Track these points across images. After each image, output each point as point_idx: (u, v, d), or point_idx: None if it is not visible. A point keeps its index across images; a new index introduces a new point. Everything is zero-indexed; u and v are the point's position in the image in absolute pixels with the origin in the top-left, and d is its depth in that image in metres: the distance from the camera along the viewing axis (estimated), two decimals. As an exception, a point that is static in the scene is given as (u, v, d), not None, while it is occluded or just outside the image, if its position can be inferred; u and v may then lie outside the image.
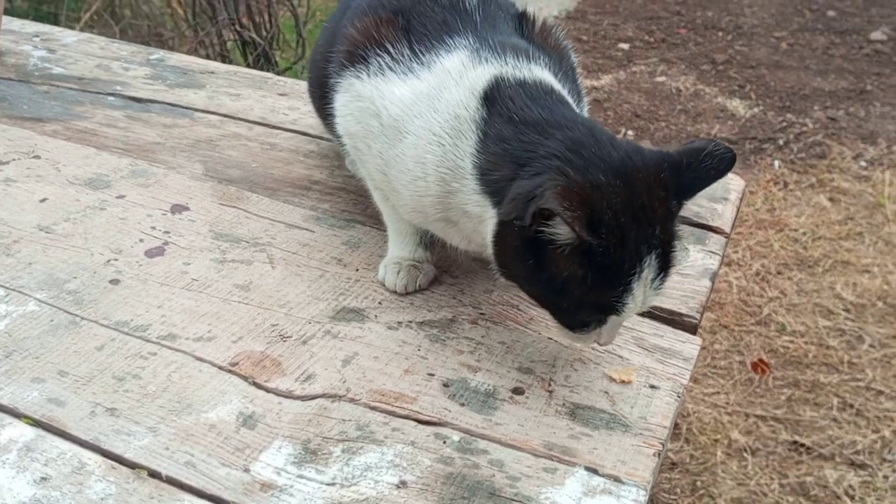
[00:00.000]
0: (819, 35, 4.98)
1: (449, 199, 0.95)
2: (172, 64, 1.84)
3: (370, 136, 1.01)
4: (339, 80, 1.05)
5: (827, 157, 3.72)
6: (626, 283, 0.83)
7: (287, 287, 1.09)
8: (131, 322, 1.01)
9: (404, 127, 0.96)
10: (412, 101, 0.95)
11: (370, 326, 1.02)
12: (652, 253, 0.83)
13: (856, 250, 3.11)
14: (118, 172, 1.35)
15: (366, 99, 1.00)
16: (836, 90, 4.33)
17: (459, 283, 1.11)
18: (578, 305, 0.85)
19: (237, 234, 1.20)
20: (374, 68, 1.00)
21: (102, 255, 1.14)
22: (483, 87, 0.92)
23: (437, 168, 0.93)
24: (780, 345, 2.65)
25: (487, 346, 0.99)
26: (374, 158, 1.02)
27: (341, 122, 1.08)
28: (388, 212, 1.11)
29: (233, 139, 1.50)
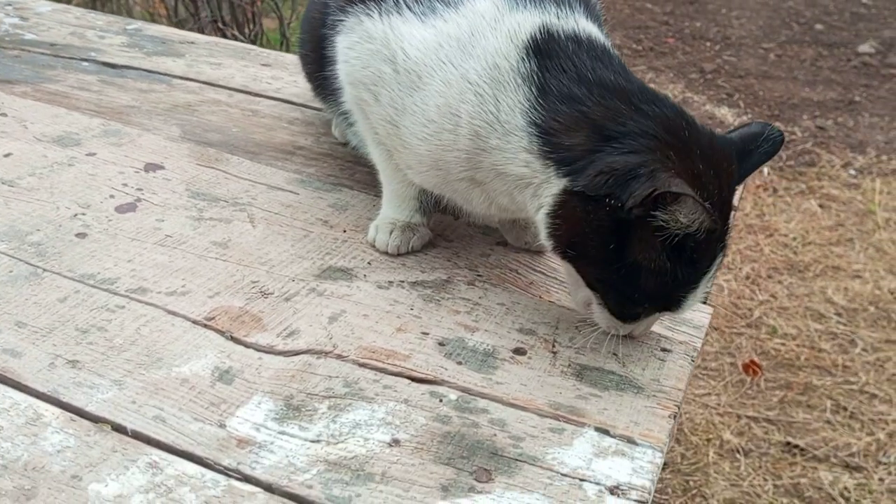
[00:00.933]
0: (807, 47, 4.99)
1: (481, 157, 0.85)
2: (151, 34, 1.76)
3: (380, 84, 0.89)
4: (343, 18, 0.93)
5: (816, 165, 3.70)
6: (700, 280, 0.79)
7: (269, 245, 1.01)
8: (98, 275, 0.93)
9: (427, 72, 0.85)
10: (437, 44, 0.85)
11: (359, 285, 0.94)
12: (723, 250, 0.79)
13: (846, 256, 3.07)
14: (89, 132, 1.27)
15: (377, 40, 0.89)
16: (824, 100, 4.32)
17: (454, 246, 1.04)
18: (648, 298, 0.79)
19: (215, 193, 1.12)
20: (388, 5, 0.89)
21: (69, 210, 1.05)
22: (526, 36, 0.83)
23: (471, 120, 0.83)
24: (772, 347, 2.59)
25: (485, 306, 0.92)
26: (382, 109, 0.91)
27: (344, 68, 0.95)
28: (389, 172, 1.01)
29: (212, 105, 1.42)
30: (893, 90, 4.43)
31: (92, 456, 0.69)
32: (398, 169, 0.99)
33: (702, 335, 0.92)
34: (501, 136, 0.82)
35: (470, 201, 0.93)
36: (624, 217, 0.74)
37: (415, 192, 1.01)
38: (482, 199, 0.91)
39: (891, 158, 3.72)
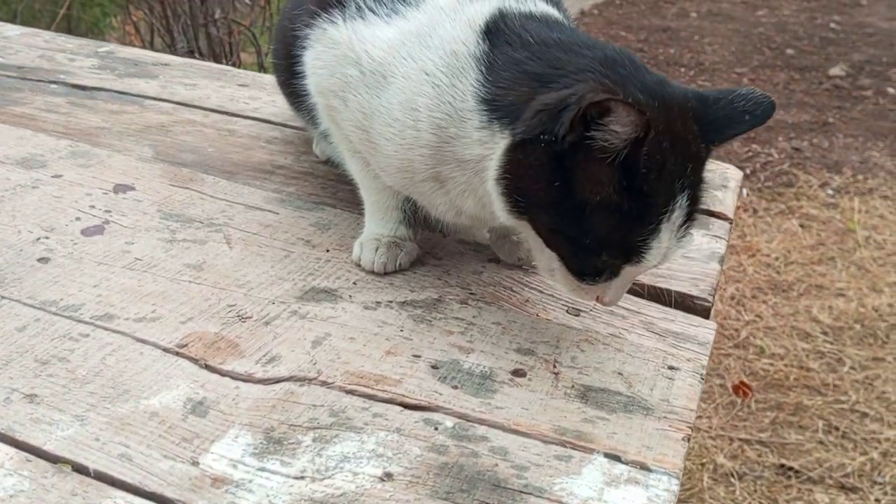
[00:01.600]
0: (779, 71, 5.04)
1: (443, 149, 0.82)
2: (123, 56, 1.70)
3: (348, 88, 0.88)
4: (309, 31, 0.92)
5: (794, 186, 3.70)
6: (657, 221, 0.72)
7: (246, 267, 0.95)
8: (60, 301, 0.86)
9: (390, 71, 0.84)
10: (399, 41, 0.84)
11: (344, 306, 0.88)
12: (685, 192, 0.73)
13: (829, 274, 3.05)
14: (56, 153, 1.20)
15: (342, 45, 0.88)
16: (798, 122, 4.35)
17: (444, 263, 0.98)
18: (601, 243, 0.73)
19: (189, 214, 1.06)
20: (351, 10, 0.88)
21: (31, 234, 0.98)
22: (484, 21, 0.82)
23: (430, 113, 0.81)
24: (760, 367, 2.55)
25: (480, 326, 0.86)
26: (352, 114, 0.89)
27: (313, 80, 0.94)
28: (368, 182, 0.98)
29: (187, 125, 1.36)
30: (865, 111, 4.47)
31: (49, 501, 0.62)
32: (377, 177, 0.95)
33: (707, 352, 0.87)
34: (458, 124, 0.81)
35: (437, 205, 0.90)
36: (561, 149, 0.71)
37: (397, 201, 0.97)
38: (446, 202, 0.88)
39: (867, 178, 3.73)
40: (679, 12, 6.21)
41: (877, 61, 5.08)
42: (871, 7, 6.34)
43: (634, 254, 0.74)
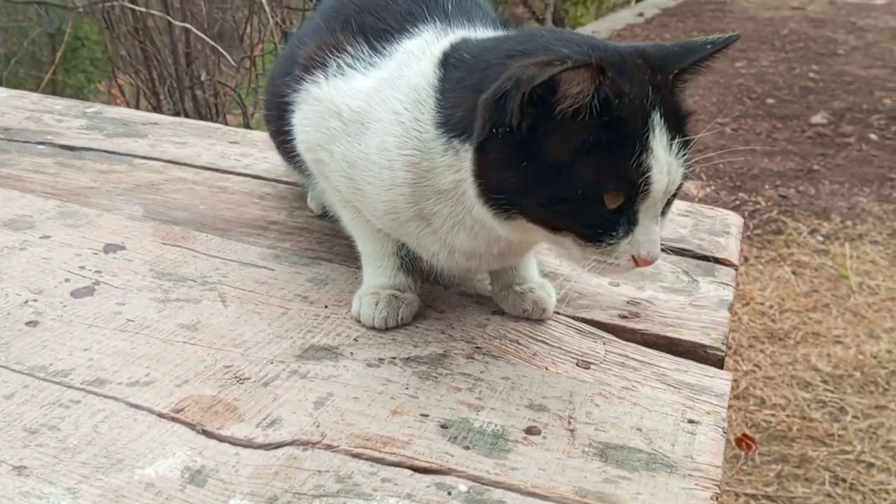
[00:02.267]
0: (762, 120, 5.11)
1: (421, 185, 0.83)
2: (111, 116, 1.69)
3: (332, 140, 0.90)
4: (296, 95, 0.95)
5: (784, 233, 3.71)
6: (643, 140, 0.72)
7: (243, 326, 0.91)
8: (50, 367, 0.82)
9: (367, 118, 0.86)
10: (374, 88, 0.86)
11: (346, 364, 0.85)
12: (657, 111, 0.73)
13: (825, 321, 3.04)
14: (44, 213, 1.17)
15: (325, 101, 0.90)
16: (784, 170, 4.39)
17: (447, 317, 0.95)
18: (597, 187, 0.72)
19: (182, 272, 1.03)
20: (332, 70, 0.91)
21: (19, 296, 0.95)
22: (441, 52, 0.84)
23: (400, 151, 0.82)
24: (762, 419, 2.51)
25: (489, 382, 0.83)
26: (337, 164, 0.90)
27: (300, 137, 0.96)
28: (363, 231, 0.97)
29: (178, 183, 1.34)
30: (850, 158, 4.52)
31: (38, 582, 0.57)
32: (369, 223, 0.95)
33: (725, 403, 0.84)
34: (427, 157, 0.81)
35: (428, 245, 0.89)
36: (521, 136, 0.72)
37: (392, 247, 0.96)
38: (436, 241, 0.87)
39: (856, 224, 3.75)
40: (660, 66, 6.31)
41: (857, 108, 5.16)
42: (848, 56, 6.48)
43: (637, 180, 0.72)
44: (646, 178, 0.72)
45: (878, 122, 4.93)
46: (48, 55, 8.42)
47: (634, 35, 7.35)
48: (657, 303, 1.01)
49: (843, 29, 7.52)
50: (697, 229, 1.24)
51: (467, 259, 0.89)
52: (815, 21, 7.87)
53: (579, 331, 0.94)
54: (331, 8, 1.04)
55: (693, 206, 1.34)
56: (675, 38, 7.78)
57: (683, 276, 1.09)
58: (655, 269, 1.11)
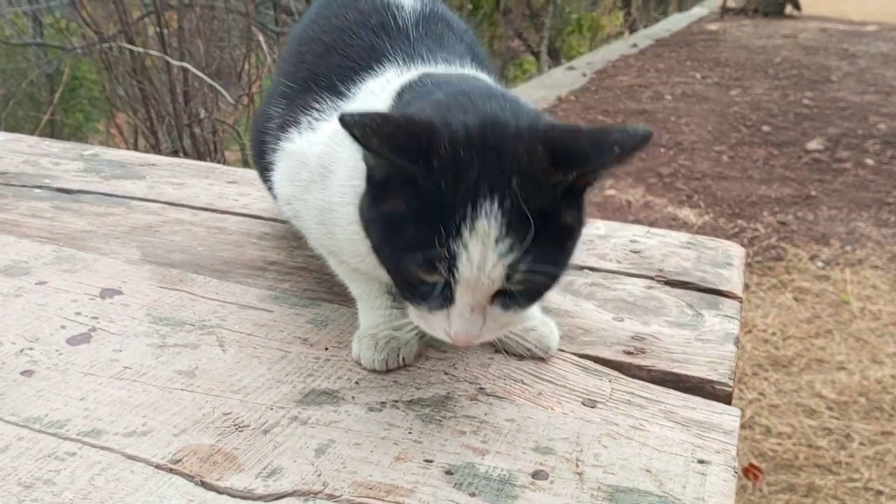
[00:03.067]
0: (758, 147, 5.13)
1: None
2: (109, 158, 1.69)
3: (305, 191, 0.91)
4: (274, 155, 0.97)
5: (784, 259, 3.70)
6: (455, 226, 0.67)
7: (242, 371, 0.90)
8: (45, 417, 0.80)
9: (330, 161, 0.86)
10: (335, 131, 0.85)
11: (347, 409, 0.83)
12: (495, 202, 0.67)
13: (828, 348, 3.02)
14: (40, 259, 1.16)
15: (296, 154, 0.92)
16: (781, 196, 4.39)
17: (449, 357, 0.94)
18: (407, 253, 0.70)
19: (179, 317, 1.01)
20: (303, 125, 0.92)
21: (14, 345, 0.93)
22: (401, 85, 0.84)
23: (353, 183, 0.82)
24: (768, 448, 2.48)
25: (493, 424, 0.81)
26: (311, 212, 0.91)
27: (279, 193, 0.97)
28: (349, 275, 0.98)
29: (175, 224, 1.33)
30: (847, 183, 4.53)
31: None
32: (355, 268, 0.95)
33: (735, 440, 0.82)
34: None
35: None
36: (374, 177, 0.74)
37: (382, 286, 0.96)
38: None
39: (855, 249, 3.74)
40: (654, 95, 6.36)
41: (853, 134, 5.19)
42: (841, 83, 6.53)
43: (442, 263, 0.69)
44: (451, 261, 0.69)
45: (873, 147, 4.96)
46: (46, 96, 8.48)
47: (629, 66, 7.42)
48: (662, 338, 1.00)
49: (835, 55, 7.59)
50: (700, 261, 1.23)
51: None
52: (807, 48, 7.95)
53: (584, 368, 0.92)
54: (298, 53, 1.05)
55: (695, 237, 1.33)
56: (669, 68, 7.83)
57: (688, 309, 1.08)
58: (659, 302, 1.10)
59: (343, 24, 0.98)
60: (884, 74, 6.77)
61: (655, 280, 1.17)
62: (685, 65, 7.44)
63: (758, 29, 9.23)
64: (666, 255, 1.25)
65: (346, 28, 0.97)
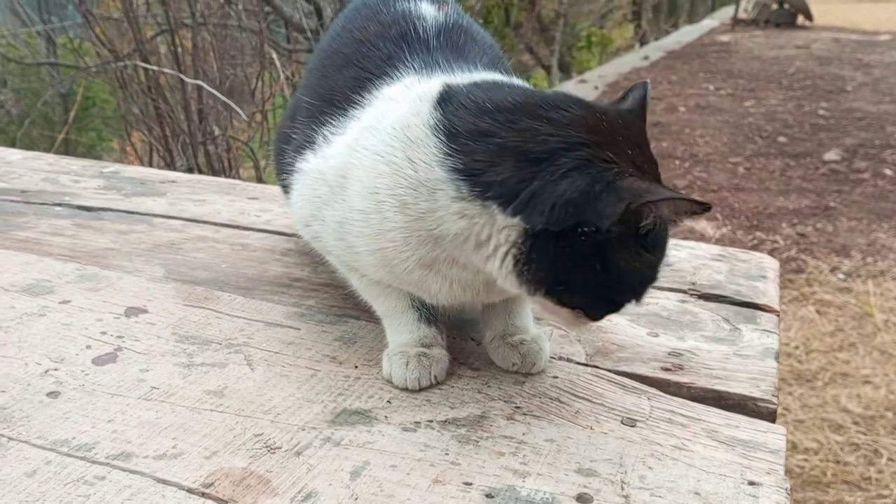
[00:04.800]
0: (774, 159, 5.09)
1: (415, 228, 0.79)
2: (129, 175, 1.68)
3: (323, 207, 0.88)
4: (291, 177, 0.95)
5: (804, 272, 3.66)
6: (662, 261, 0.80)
7: (272, 390, 0.88)
8: (73, 440, 0.78)
9: (348, 170, 0.84)
10: (352, 140, 0.85)
11: (381, 429, 0.81)
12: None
13: (852, 361, 2.97)
14: (63, 277, 1.15)
15: (312, 172, 0.90)
16: (800, 208, 4.35)
17: (482, 374, 0.91)
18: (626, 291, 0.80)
19: (206, 335, 0.99)
20: (317, 143, 0.90)
21: (39, 365, 0.92)
22: (436, 92, 0.81)
23: (391, 192, 0.79)
24: (795, 464, 2.44)
25: (532, 445, 0.79)
26: (329, 228, 0.89)
27: (297, 215, 0.96)
28: (372, 291, 0.94)
29: (198, 241, 1.31)
30: (866, 194, 4.48)
31: None
32: (377, 283, 0.92)
33: (782, 460, 0.79)
34: (428, 197, 0.78)
35: (438, 291, 0.86)
36: (603, 238, 0.73)
37: (406, 300, 0.93)
38: (444, 285, 0.85)
39: (876, 260, 3.70)
40: (667, 107, 6.34)
41: (870, 144, 5.15)
42: (856, 93, 6.49)
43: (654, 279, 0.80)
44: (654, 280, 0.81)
45: (891, 158, 4.91)
46: (60, 115, 8.55)
47: (641, 78, 7.40)
48: (700, 353, 0.97)
49: (849, 66, 7.56)
50: (733, 274, 1.20)
51: (464, 291, 0.86)
52: (820, 59, 7.92)
53: (622, 386, 0.90)
54: (320, 67, 1.04)
55: (725, 249, 1.30)
56: (682, 80, 7.80)
57: (724, 324, 1.05)
58: (694, 316, 1.07)
59: (363, 37, 0.96)
60: (899, 84, 6.72)
61: (688, 293, 1.14)
62: (698, 76, 7.42)
63: (769, 40, 9.21)
64: (697, 268, 1.22)
65: (366, 40, 0.95)
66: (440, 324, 0.94)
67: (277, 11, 6.16)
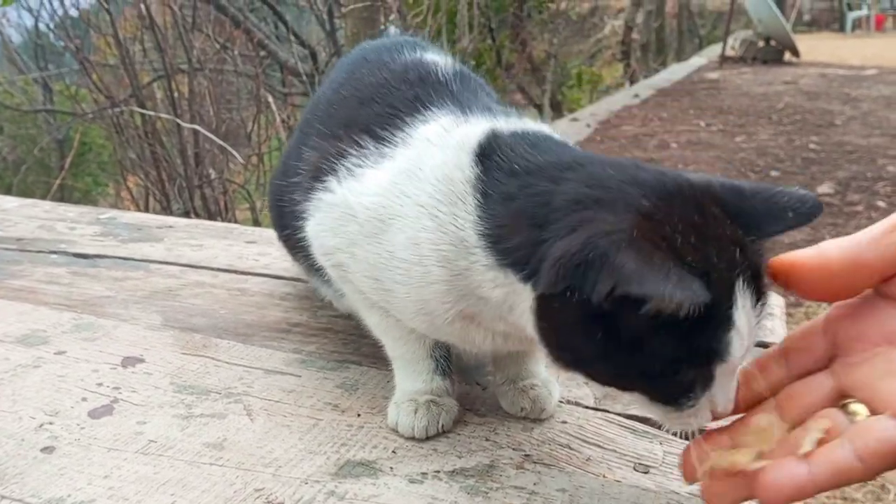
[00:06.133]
0: (767, 193, 5.10)
1: (458, 283, 0.76)
2: (126, 221, 1.67)
3: (352, 245, 0.83)
4: (308, 204, 0.89)
5: (803, 304, 3.64)
6: (726, 317, 0.63)
7: (272, 441, 0.85)
8: (68, 498, 0.76)
9: (387, 214, 0.79)
10: (390, 182, 0.80)
11: (386, 481, 0.78)
12: (741, 275, 0.63)
13: (856, 396, 2.94)
14: (59, 327, 1.13)
15: (339, 206, 0.84)
16: (795, 241, 4.31)
17: (489, 422, 0.89)
18: (675, 362, 0.64)
19: (205, 384, 0.97)
20: (343, 172, 0.85)
21: (34, 419, 0.89)
22: (476, 142, 0.76)
23: (434, 246, 0.75)
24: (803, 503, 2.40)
25: (544, 496, 0.76)
26: (360, 266, 0.84)
27: (316, 244, 0.90)
28: (391, 332, 0.90)
29: (195, 287, 1.30)
30: (860, 226, 4.46)
31: None
32: (399, 324, 0.88)
33: None
34: (466, 256, 0.74)
35: (478, 342, 0.83)
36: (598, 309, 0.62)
37: (427, 349, 0.89)
38: (484, 336, 0.82)
39: (875, 292, 3.69)
40: (660, 144, 6.38)
41: (862, 177, 5.17)
42: (845, 126, 6.55)
43: (717, 355, 0.64)
44: (726, 351, 0.64)
45: (884, 190, 4.94)
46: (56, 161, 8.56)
47: (632, 115, 7.47)
48: (709, 395, 0.95)
49: (837, 100, 7.64)
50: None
51: (505, 341, 0.83)
52: (809, 94, 8.01)
53: (632, 430, 0.88)
54: (329, 102, 1.00)
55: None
56: (673, 117, 7.86)
57: (732, 364, 1.03)
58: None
59: (379, 80, 0.93)
60: (888, 117, 6.79)
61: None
62: (688, 113, 7.48)
63: (758, 76, 9.32)
64: (702, 307, 1.21)
65: (383, 83, 0.92)
66: (454, 375, 0.91)
67: (273, 56, 6.23)
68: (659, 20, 12.34)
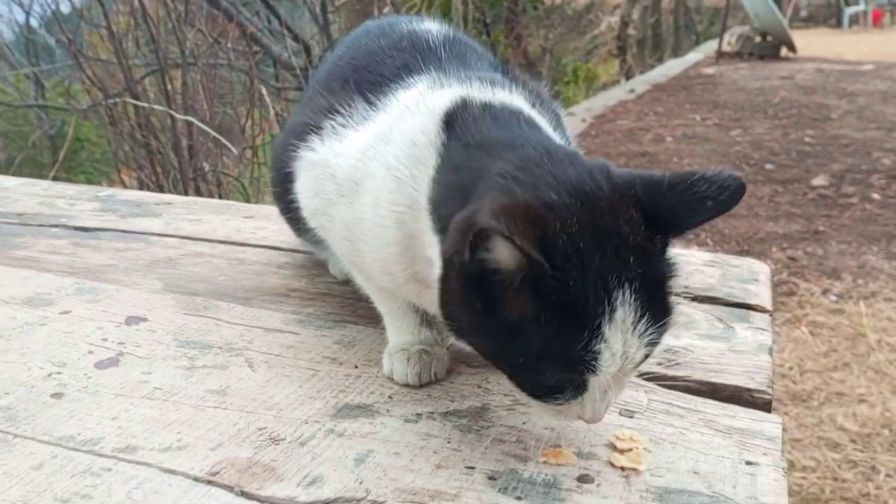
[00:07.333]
0: (762, 185, 5.14)
1: (410, 246, 0.79)
2: (124, 198, 1.69)
3: (330, 204, 0.87)
4: (295, 164, 0.93)
5: (796, 294, 3.68)
6: (594, 325, 0.63)
7: (273, 389, 0.88)
8: (78, 436, 0.79)
9: (360, 175, 0.83)
10: (366, 145, 0.83)
11: (383, 421, 0.81)
12: (625, 287, 0.64)
13: (847, 381, 2.98)
14: (62, 290, 1.16)
15: (320, 164, 0.88)
16: (789, 233, 4.39)
17: (482, 372, 0.93)
18: (539, 359, 0.65)
19: (207, 340, 1.00)
20: (327, 132, 0.89)
21: (42, 370, 0.92)
22: (444, 109, 0.79)
23: (392, 207, 0.79)
24: (794, 482, 2.43)
25: (533, 433, 0.80)
26: (337, 228, 0.88)
27: (304, 205, 0.94)
28: (376, 291, 0.95)
29: (195, 257, 1.33)
30: (854, 217, 4.53)
31: None
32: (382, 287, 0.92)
33: (779, 447, 0.80)
34: (417, 219, 0.77)
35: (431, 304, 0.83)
36: (475, 272, 0.65)
37: (407, 305, 0.93)
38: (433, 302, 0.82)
39: (867, 282, 3.72)
40: (655, 138, 6.41)
41: (857, 170, 5.21)
42: (841, 120, 6.58)
43: (583, 365, 0.65)
44: (595, 364, 0.65)
45: (878, 182, 4.97)
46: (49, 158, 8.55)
47: (628, 110, 7.50)
48: (695, 350, 0.99)
49: (833, 94, 7.67)
50: (725, 278, 1.22)
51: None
52: (805, 88, 8.04)
53: (619, 379, 0.91)
54: (328, 72, 1.05)
55: (717, 256, 1.32)
56: (669, 111, 7.87)
57: (718, 323, 1.07)
58: (688, 317, 1.09)
59: (374, 48, 0.98)
60: (884, 111, 6.83)
61: (682, 296, 1.16)
62: (684, 108, 7.52)
63: (754, 71, 9.35)
64: (690, 273, 1.24)
65: (378, 50, 0.96)
66: (440, 325, 0.95)
67: (266, 50, 6.25)
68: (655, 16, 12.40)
